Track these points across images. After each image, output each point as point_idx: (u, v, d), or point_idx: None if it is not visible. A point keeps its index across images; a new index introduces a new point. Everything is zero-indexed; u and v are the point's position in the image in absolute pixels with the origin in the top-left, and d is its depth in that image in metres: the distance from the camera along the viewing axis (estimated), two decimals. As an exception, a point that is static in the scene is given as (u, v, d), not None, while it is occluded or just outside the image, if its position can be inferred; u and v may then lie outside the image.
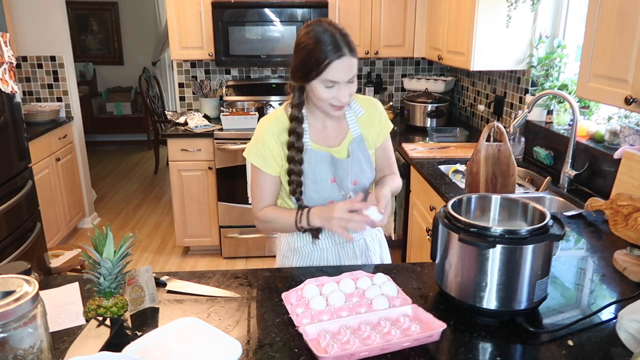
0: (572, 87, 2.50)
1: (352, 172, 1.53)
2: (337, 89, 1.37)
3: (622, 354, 1.08)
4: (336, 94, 1.38)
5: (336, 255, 1.62)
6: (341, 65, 1.34)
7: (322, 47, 1.33)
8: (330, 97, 1.39)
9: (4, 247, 2.63)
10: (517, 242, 1.14)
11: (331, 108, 1.42)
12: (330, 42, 1.33)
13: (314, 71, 1.35)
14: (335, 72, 1.34)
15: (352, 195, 1.55)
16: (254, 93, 4.01)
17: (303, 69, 1.38)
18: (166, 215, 4.64)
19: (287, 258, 1.63)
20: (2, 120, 2.66)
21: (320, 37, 1.34)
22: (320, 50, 1.33)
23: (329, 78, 1.35)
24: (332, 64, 1.33)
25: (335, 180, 1.52)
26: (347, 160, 1.52)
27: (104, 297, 1.14)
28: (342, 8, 3.62)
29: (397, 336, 1.10)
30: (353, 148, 1.53)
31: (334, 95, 1.38)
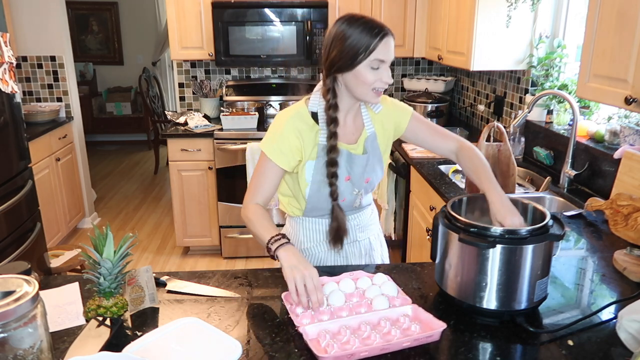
0: (572, 87, 2.50)
1: (366, 170, 1.52)
2: (383, 70, 1.38)
3: (622, 354, 1.08)
4: (381, 76, 1.38)
5: (343, 254, 1.62)
6: (388, 43, 1.37)
7: (367, 29, 1.35)
8: (375, 80, 1.38)
9: (4, 247, 2.63)
10: (517, 242, 1.14)
11: (373, 95, 1.41)
12: (373, 25, 1.36)
13: (363, 53, 1.36)
14: (383, 51, 1.36)
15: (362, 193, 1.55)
16: (254, 93, 4.01)
17: (348, 55, 1.37)
18: (166, 215, 4.63)
19: None
20: (2, 120, 2.66)
21: (363, 22, 1.37)
22: (367, 32, 1.35)
23: (379, 57, 1.36)
24: (383, 41, 1.35)
25: (350, 178, 1.51)
26: (364, 157, 1.51)
27: (104, 297, 1.14)
28: (342, 8, 3.62)
29: (397, 336, 1.10)
30: (367, 145, 1.52)
31: (379, 77, 1.38)
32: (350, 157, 1.49)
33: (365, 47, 1.35)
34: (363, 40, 1.35)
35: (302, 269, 1.24)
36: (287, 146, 1.45)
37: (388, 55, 1.38)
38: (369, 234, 1.66)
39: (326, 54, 1.41)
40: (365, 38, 1.35)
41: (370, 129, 1.54)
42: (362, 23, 1.36)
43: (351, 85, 1.41)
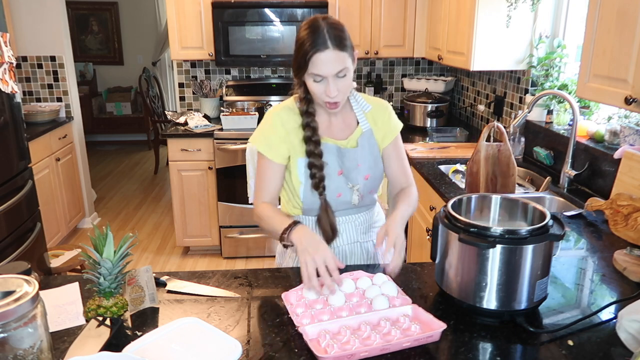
0: (572, 87, 2.50)
1: (362, 165, 1.51)
2: (326, 83, 1.36)
3: (622, 354, 1.08)
4: (325, 88, 1.37)
5: (343, 256, 1.60)
6: (324, 58, 1.33)
7: (308, 40, 1.33)
8: (320, 92, 1.38)
9: (4, 247, 2.63)
10: (517, 242, 1.14)
11: (325, 104, 1.42)
12: (317, 36, 1.33)
13: (302, 65, 1.36)
14: (320, 66, 1.33)
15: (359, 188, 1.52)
16: (254, 93, 4.01)
17: (296, 64, 1.39)
18: (166, 215, 4.64)
19: (292, 258, 1.62)
20: (2, 120, 2.67)
21: (309, 32, 1.34)
22: (307, 44, 1.33)
23: (314, 72, 1.35)
24: (315, 56, 1.33)
25: (342, 172, 1.50)
26: (355, 150, 1.50)
27: (104, 297, 1.14)
28: (342, 8, 3.62)
29: (397, 336, 1.10)
30: (362, 141, 1.52)
31: (323, 89, 1.37)
32: (340, 151, 1.49)
33: (304, 58, 1.34)
34: (301, 53, 1.35)
35: (312, 251, 1.25)
36: (275, 139, 1.47)
37: (327, 70, 1.34)
38: (373, 237, 1.64)
39: None
40: (305, 48, 1.34)
41: (366, 126, 1.53)
42: (305, 35, 1.35)
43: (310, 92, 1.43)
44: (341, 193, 1.51)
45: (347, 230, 1.58)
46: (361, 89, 4.12)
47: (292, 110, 1.50)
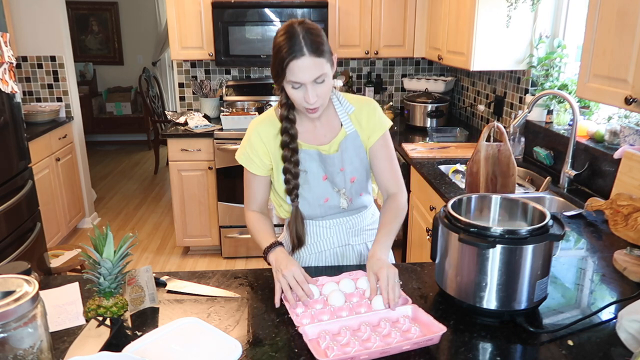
0: (572, 87, 2.50)
1: (347, 168, 1.50)
2: (304, 90, 1.34)
3: (622, 354, 1.08)
4: (304, 95, 1.35)
5: (334, 258, 1.61)
6: (301, 65, 1.30)
7: (283, 47, 1.31)
8: (299, 99, 1.36)
9: (4, 247, 2.63)
10: (517, 242, 1.14)
11: (305, 110, 1.40)
12: (293, 42, 1.30)
13: (279, 72, 1.34)
14: (297, 73, 1.31)
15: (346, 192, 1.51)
16: (254, 93, 4.01)
17: (274, 71, 1.37)
18: (166, 215, 4.63)
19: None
20: (2, 120, 2.67)
21: (285, 38, 1.32)
22: (283, 51, 1.31)
23: (292, 79, 1.33)
24: (291, 64, 1.30)
25: (327, 177, 1.50)
26: (336, 156, 1.48)
27: (104, 297, 1.14)
28: (342, 8, 3.62)
29: (397, 339, 1.09)
30: (346, 145, 1.49)
31: (302, 95, 1.35)
32: (322, 157, 1.48)
33: (280, 66, 1.33)
34: (278, 60, 1.33)
35: (282, 269, 1.30)
36: (254, 152, 1.49)
37: (304, 77, 1.32)
38: (365, 239, 1.63)
39: None
40: (281, 55, 1.31)
41: (350, 129, 1.50)
42: (280, 41, 1.32)
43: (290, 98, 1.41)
44: (328, 198, 1.51)
45: (338, 233, 1.58)
46: (361, 89, 4.12)
47: (272, 121, 1.49)
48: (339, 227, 1.57)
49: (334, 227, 1.57)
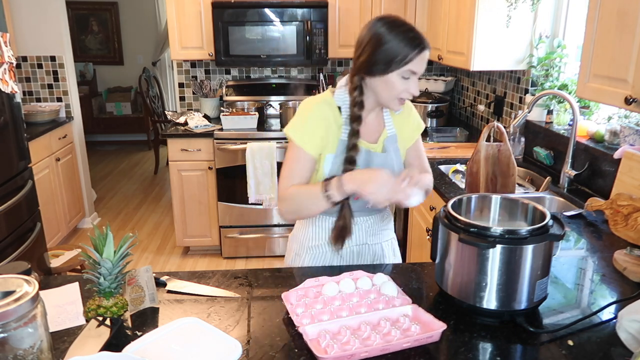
0: (572, 87, 2.50)
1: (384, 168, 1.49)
2: (412, 81, 1.39)
3: (622, 354, 1.08)
4: (409, 86, 1.39)
5: (350, 256, 1.60)
6: (423, 57, 1.36)
7: (408, 39, 1.34)
8: (403, 90, 1.39)
9: (4, 247, 2.63)
10: (517, 242, 1.14)
11: (397, 102, 1.42)
12: (414, 35, 1.35)
13: (397, 62, 1.35)
14: (417, 64, 1.36)
15: None
16: (254, 93, 4.01)
17: (382, 61, 1.36)
18: (166, 215, 4.64)
19: (299, 256, 1.61)
20: (2, 120, 2.67)
21: (404, 30, 1.35)
22: (407, 43, 1.34)
23: (412, 69, 1.36)
24: (422, 54, 1.35)
25: None
26: (382, 155, 1.50)
27: (104, 297, 1.14)
28: (342, 8, 3.62)
29: (397, 336, 1.10)
30: (388, 145, 1.52)
31: (407, 87, 1.39)
32: (369, 155, 1.48)
33: (403, 57, 1.34)
34: (401, 50, 1.34)
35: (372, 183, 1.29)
36: (313, 131, 1.44)
37: (421, 68, 1.38)
38: (381, 239, 1.63)
39: (358, 53, 1.41)
40: (404, 48, 1.34)
41: (392, 130, 1.54)
42: (403, 31, 1.35)
43: (378, 90, 1.41)
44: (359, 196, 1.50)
45: (357, 231, 1.57)
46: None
47: (331, 106, 1.47)
48: (359, 226, 1.57)
49: (355, 225, 1.56)
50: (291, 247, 1.67)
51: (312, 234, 1.59)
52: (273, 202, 3.49)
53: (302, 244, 1.61)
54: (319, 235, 1.58)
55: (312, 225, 1.59)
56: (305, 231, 1.60)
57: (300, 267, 1.58)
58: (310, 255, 1.60)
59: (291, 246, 1.68)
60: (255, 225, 3.65)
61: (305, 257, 1.60)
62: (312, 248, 1.59)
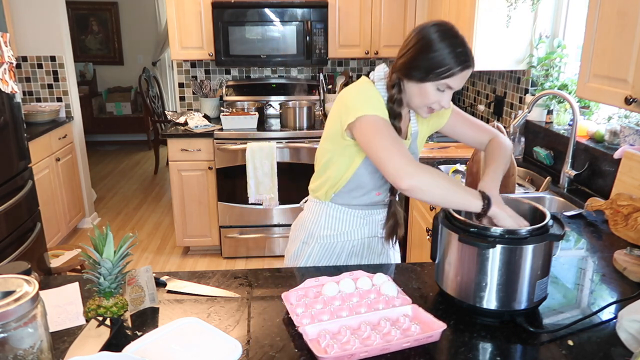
0: (572, 87, 2.50)
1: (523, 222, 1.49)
2: (447, 94, 1.35)
3: (622, 354, 1.08)
4: (441, 99, 1.35)
5: (360, 247, 1.62)
6: (464, 75, 1.33)
7: (456, 54, 1.30)
8: (435, 101, 1.36)
9: (4, 247, 2.63)
10: (517, 242, 1.14)
11: (426, 110, 1.40)
12: (462, 51, 1.31)
13: (437, 74, 1.31)
14: (457, 80, 1.32)
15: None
16: (254, 93, 4.01)
17: (424, 68, 1.32)
18: (166, 215, 4.63)
19: (307, 245, 1.62)
20: (2, 120, 2.66)
21: (454, 43, 1.31)
22: (454, 56, 1.30)
23: (449, 84, 1.33)
24: (464, 72, 1.32)
25: None
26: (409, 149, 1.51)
27: (104, 297, 1.14)
28: (342, 8, 3.62)
29: (397, 336, 1.10)
30: (412, 141, 1.54)
31: (439, 99, 1.35)
32: None
33: (445, 69, 1.30)
34: (446, 62, 1.30)
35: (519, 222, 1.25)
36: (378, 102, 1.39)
37: (460, 85, 1.35)
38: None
39: (402, 52, 1.37)
40: (449, 61, 1.30)
41: (415, 127, 1.54)
42: (453, 44, 1.30)
43: (410, 94, 1.38)
44: (380, 192, 1.54)
45: (370, 224, 1.60)
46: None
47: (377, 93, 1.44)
48: (372, 218, 1.60)
49: (368, 217, 1.59)
50: (297, 236, 1.66)
51: (324, 222, 1.59)
52: (273, 202, 3.49)
53: (312, 232, 1.61)
54: (332, 225, 1.58)
55: (324, 214, 1.59)
56: (317, 220, 1.60)
57: (299, 268, 1.57)
58: (319, 244, 1.60)
59: (297, 234, 1.67)
60: (255, 225, 3.65)
61: (314, 245, 1.60)
62: (322, 237, 1.60)
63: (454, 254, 1.23)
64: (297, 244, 1.65)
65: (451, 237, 1.22)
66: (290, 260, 1.68)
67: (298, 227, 1.68)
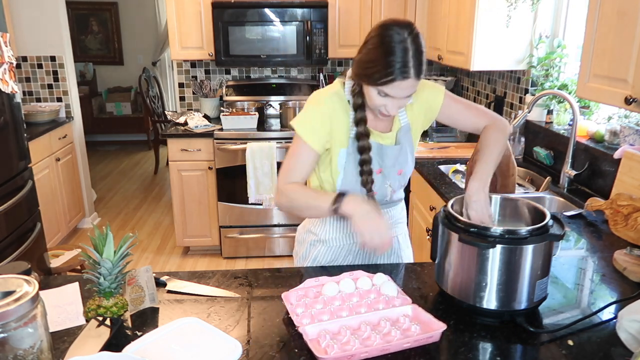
0: (572, 87, 2.50)
1: (398, 161, 1.48)
2: (390, 100, 1.32)
3: (622, 354, 1.08)
4: (387, 104, 1.32)
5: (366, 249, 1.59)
6: (403, 85, 1.27)
7: (389, 60, 1.23)
8: (379, 105, 1.33)
9: (4, 247, 2.63)
10: (517, 242, 1.14)
11: (378, 112, 1.38)
12: (401, 59, 1.23)
13: (374, 79, 1.28)
14: (394, 90, 1.28)
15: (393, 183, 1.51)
16: (254, 93, 4.01)
17: (364, 70, 1.30)
18: (166, 215, 4.63)
19: (314, 247, 1.60)
20: (2, 121, 2.66)
21: (393, 49, 1.23)
22: (387, 64, 1.24)
23: (386, 92, 1.29)
24: (394, 82, 1.26)
25: (381, 171, 1.47)
26: (396, 148, 1.47)
27: (104, 297, 1.14)
28: (342, 8, 3.62)
29: (397, 337, 1.10)
30: (401, 136, 1.49)
31: (385, 104, 1.32)
32: (381, 149, 1.46)
33: (379, 75, 1.26)
34: (380, 68, 1.25)
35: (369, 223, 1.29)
36: (320, 125, 1.41)
37: (399, 94, 1.29)
38: (398, 232, 1.63)
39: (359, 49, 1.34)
40: (384, 67, 1.24)
41: (405, 120, 1.50)
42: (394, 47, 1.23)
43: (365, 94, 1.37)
44: (377, 192, 1.50)
45: None
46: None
47: (341, 98, 1.43)
48: None
49: None
50: (304, 238, 1.64)
51: (329, 226, 1.57)
52: (273, 202, 3.49)
53: (319, 236, 1.58)
54: (338, 227, 1.56)
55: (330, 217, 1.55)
56: (323, 225, 1.58)
57: (299, 268, 1.57)
58: (326, 246, 1.58)
59: (304, 237, 1.64)
60: (255, 225, 3.65)
61: (321, 247, 1.58)
62: (329, 240, 1.58)
63: (454, 254, 1.23)
64: (305, 246, 1.64)
65: (451, 237, 1.22)
66: (299, 262, 1.67)
67: (305, 229, 1.65)
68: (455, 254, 1.23)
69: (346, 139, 1.43)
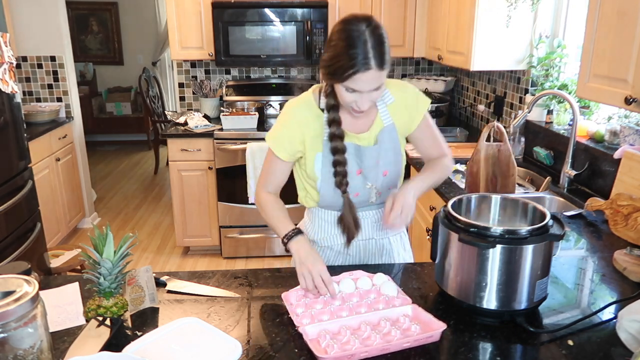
0: (572, 87, 2.50)
1: (381, 162, 1.47)
2: (359, 95, 1.31)
3: (622, 354, 1.08)
4: (357, 99, 1.32)
5: (357, 251, 1.59)
6: (366, 77, 1.25)
7: (349, 53, 1.23)
8: (351, 101, 1.33)
9: (4, 247, 2.63)
10: (517, 242, 1.14)
11: (351, 109, 1.38)
12: (361, 51, 1.23)
13: (338, 75, 1.27)
14: (359, 83, 1.27)
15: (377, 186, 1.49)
16: (254, 93, 4.01)
17: (329, 69, 1.30)
18: (166, 215, 4.63)
19: None
20: (2, 121, 2.66)
21: (352, 42, 1.24)
22: (347, 57, 1.24)
23: (351, 87, 1.28)
24: (356, 75, 1.25)
25: (361, 172, 1.47)
26: (374, 148, 1.46)
27: (104, 297, 1.14)
28: (342, 8, 3.62)
29: (397, 336, 1.10)
30: (383, 137, 1.47)
31: (355, 100, 1.32)
32: (359, 150, 1.45)
33: (341, 71, 1.25)
34: (342, 63, 1.25)
35: (309, 265, 1.30)
36: (288, 137, 1.45)
37: (365, 87, 1.28)
38: (388, 233, 1.61)
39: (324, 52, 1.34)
40: (345, 62, 1.24)
41: (388, 121, 1.48)
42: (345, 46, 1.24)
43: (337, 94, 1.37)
44: (359, 193, 1.49)
45: (363, 226, 1.54)
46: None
47: (310, 105, 1.45)
48: (364, 221, 1.55)
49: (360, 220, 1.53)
50: None
51: (318, 227, 1.57)
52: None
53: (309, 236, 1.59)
54: (326, 228, 1.56)
55: (318, 218, 1.57)
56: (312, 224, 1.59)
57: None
58: (317, 246, 1.59)
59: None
60: (255, 225, 3.65)
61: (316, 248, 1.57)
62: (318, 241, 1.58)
63: (454, 254, 1.23)
64: None
65: (451, 237, 1.22)
66: None
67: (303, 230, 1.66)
68: (455, 254, 1.23)
69: (320, 143, 1.45)
